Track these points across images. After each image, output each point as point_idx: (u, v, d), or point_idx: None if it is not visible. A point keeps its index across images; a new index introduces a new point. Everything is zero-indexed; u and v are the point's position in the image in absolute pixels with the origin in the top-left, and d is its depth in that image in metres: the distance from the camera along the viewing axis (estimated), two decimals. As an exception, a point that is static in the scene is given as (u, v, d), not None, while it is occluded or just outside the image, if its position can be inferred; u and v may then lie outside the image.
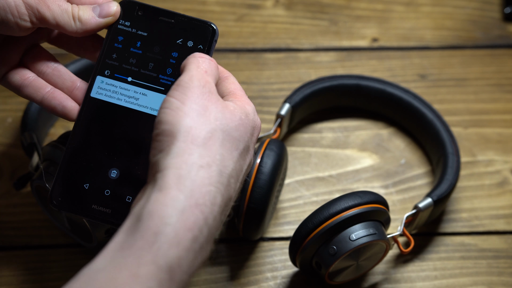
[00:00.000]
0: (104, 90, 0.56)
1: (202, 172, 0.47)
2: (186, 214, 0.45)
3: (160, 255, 0.44)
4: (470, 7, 0.90)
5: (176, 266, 0.44)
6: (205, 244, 0.46)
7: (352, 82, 0.77)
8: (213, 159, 0.48)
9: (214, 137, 0.49)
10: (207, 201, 0.46)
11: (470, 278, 0.68)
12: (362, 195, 0.62)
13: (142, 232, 0.45)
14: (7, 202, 0.71)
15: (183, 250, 0.44)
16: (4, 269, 0.67)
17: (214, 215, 0.47)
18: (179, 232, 0.45)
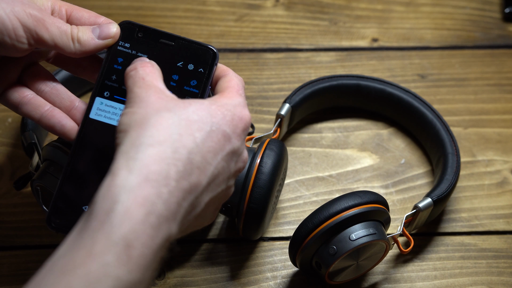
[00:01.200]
0: (103, 112, 0.56)
1: (151, 150, 0.47)
2: (135, 190, 0.46)
3: (112, 230, 0.44)
4: (470, 7, 0.90)
5: (133, 239, 0.44)
6: (164, 219, 0.46)
7: (352, 82, 0.77)
8: (165, 138, 0.48)
9: (165, 119, 0.49)
10: (158, 176, 0.47)
11: (470, 278, 0.68)
12: (362, 195, 0.62)
13: (95, 214, 0.46)
14: (7, 202, 0.71)
15: (136, 223, 0.45)
16: (4, 269, 0.67)
17: (169, 189, 0.47)
18: (130, 207, 0.45)
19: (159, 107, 0.50)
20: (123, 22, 0.57)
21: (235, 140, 0.52)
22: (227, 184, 0.53)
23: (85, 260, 0.44)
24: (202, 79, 0.56)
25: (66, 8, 0.58)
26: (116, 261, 0.44)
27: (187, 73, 0.56)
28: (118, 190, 0.46)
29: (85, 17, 0.58)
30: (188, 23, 0.87)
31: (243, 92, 0.55)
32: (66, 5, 0.58)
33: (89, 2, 0.87)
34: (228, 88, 0.55)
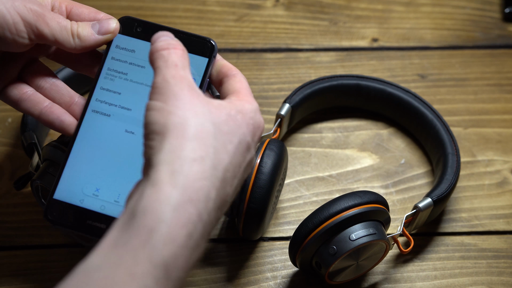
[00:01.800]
0: (102, 106, 0.57)
1: (195, 166, 0.46)
2: (179, 210, 0.45)
3: (155, 253, 0.43)
4: (470, 7, 0.90)
5: (172, 263, 0.44)
6: (200, 240, 0.46)
7: (352, 82, 0.77)
8: (206, 152, 0.47)
9: (205, 130, 0.48)
10: (200, 196, 0.46)
11: (470, 278, 0.68)
12: (362, 195, 0.62)
13: (136, 229, 0.44)
14: (7, 202, 0.71)
15: (178, 247, 0.44)
16: (4, 269, 0.67)
17: (208, 211, 0.46)
18: (174, 229, 0.44)
19: (196, 111, 0.48)
20: (123, 18, 0.58)
21: (253, 149, 0.51)
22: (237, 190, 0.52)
23: (125, 280, 0.43)
24: (201, 71, 0.57)
25: (66, 4, 0.58)
26: (155, 285, 0.43)
27: None
28: (162, 208, 0.45)
29: (85, 13, 0.58)
30: (188, 23, 0.87)
31: None
32: (66, 1, 0.58)
33: (89, 2, 0.87)
34: (243, 90, 0.54)
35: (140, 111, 0.54)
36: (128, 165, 0.56)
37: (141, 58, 0.58)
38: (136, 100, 0.57)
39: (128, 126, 0.57)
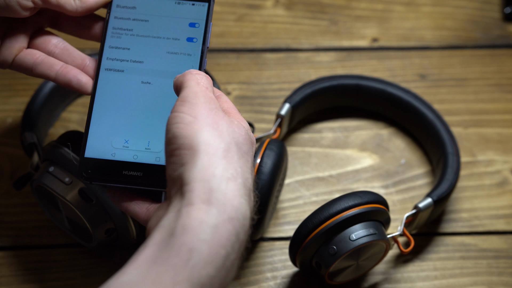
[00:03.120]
0: (113, 62, 0.58)
1: (231, 185, 0.46)
2: (219, 229, 0.44)
3: (194, 273, 0.43)
4: (470, 7, 0.90)
5: (208, 284, 0.43)
6: (235, 260, 0.45)
7: (352, 82, 0.77)
8: (236, 172, 0.47)
9: (232, 150, 0.48)
10: (239, 214, 0.45)
11: (470, 278, 0.68)
12: (362, 195, 0.62)
13: (177, 248, 0.44)
14: (7, 202, 0.71)
15: (215, 268, 0.44)
16: (4, 269, 0.67)
17: (245, 230, 0.46)
18: (213, 249, 0.44)
19: (222, 131, 0.49)
20: None
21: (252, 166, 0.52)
22: None
23: None
24: (201, 30, 0.59)
25: None
26: None
27: (186, 21, 0.59)
28: (203, 227, 0.44)
29: None
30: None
31: None
32: None
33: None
34: (232, 110, 0.54)
35: (152, 62, 0.58)
36: (152, 113, 0.57)
37: (143, 13, 0.59)
38: (146, 52, 0.58)
39: (143, 77, 0.58)
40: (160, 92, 0.57)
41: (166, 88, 0.57)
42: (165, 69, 0.58)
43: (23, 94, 0.78)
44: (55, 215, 0.66)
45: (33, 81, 0.78)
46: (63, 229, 0.67)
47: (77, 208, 0.61)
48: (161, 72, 0.58)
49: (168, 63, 0.58)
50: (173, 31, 0.59)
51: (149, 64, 0.58)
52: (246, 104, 0.80)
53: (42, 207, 0.66)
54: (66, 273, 0.67)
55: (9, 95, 0.79)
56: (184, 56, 0.58)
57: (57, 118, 0.77)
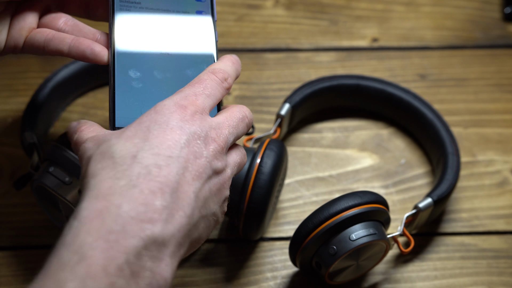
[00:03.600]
0: (126, 28, 0.58)
1: (97, 178, 0.48)
2: (86, 210, 0.46)
3: (64, 250, 0.44)
4: (470, 7, 0.90)
5: (91, 250, 0.43)
6: (130, 220, 0.45)
7: (352, 82, 0.77)
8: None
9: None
10: (109, 190, 0.47)
11: (470, 278, 0.68)
12: (362, 195, 0.62)
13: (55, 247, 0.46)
14: (7, 202, 0.71)
15: (90, 235, 0.44)
16: (4, 269, 0.67)
17: (128, 196, 0.46)
18: (82, 225, 0.45)
19: (97, 145, 0.51)
20: None
21: (188, 125, 0.51)
22: (211, 168, 0.51)
23: (40, 284, 0.44)
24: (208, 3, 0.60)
25: None
26: (71, 275, 0.43)
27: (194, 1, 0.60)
28: (73, 219, 0.46)
29: None
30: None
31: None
32: None
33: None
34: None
35: (166, 34, 0.58)
36: (175, 81, 0.57)
37: None
38: (158, 25, 0.58)
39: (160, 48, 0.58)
40: (179, 61, 0.58)
41: (185, 57, 0.58)
42: (181, 41, 0.58)
43: (23, 94, 0.78)
44: (55, 215, 0.66)
45: (33, 81, 0.78)
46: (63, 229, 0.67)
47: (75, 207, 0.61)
48: (177, 43, 0.58)
49: (182, 35, 0.58)
50: (181, 4, 0.60)
51: (164, 36, 0.58)
52: (246, 104, 0.79)
53: (42, 207, 0.66)
54: (66, 273, 0.67)
55: (9, 95, 0.79)
56: (196, 28, 0.59)
57: (57, 118, 0.77)
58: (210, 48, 0.59)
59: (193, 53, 0.59)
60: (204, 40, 0.60)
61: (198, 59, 0.59)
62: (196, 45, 0.59)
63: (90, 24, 0.61)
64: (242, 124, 0.56)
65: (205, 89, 0.54)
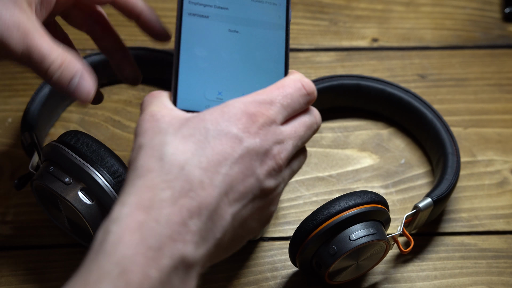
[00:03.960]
0: (197, 6, 0.54)
1: (139, 181, 0.47)
2: (127, 218, 0.45)
3: (105, 259, 0.44)
4: (470, 7, 0.90)
5: (129, 264, 0.43)
6: (167, 239, 0.45)
7: (352, 82, 0.77)
8: (154, 164, 0.48)
9: (153, 144, 0.49)
10: (150, 201, 0.46)
11: (470, 278, 0.68)
12: (362, 195, 0.62)
13: (91, 248, 0.47)
14: (7, 202, 0.71)
15: (130, 247, 0.44)
16: (4, 269, 0.67)
17: (167, 211, 0.46)
18: (123, 234, 0.45)
19: (152, 133, 0.49)
20: None
21: (248, 139, 0.48)
22: (260, 188, 0.49)
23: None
24: None
25: None
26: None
27: None
28: (111, 222, 0.45)
29: None
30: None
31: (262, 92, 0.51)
32: None
33: (89, 2, 0.87)
34: None
35: (237, 9, 0.54)
36: (243, 63, 0.54)
37: None
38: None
39: (230, 25, 0.54)
40: (248, 42, 0.54)
41: (254, 37, 0.54)
42: (252, 18, 0.55)
43: (23, 94, 0.78)
44: (55, 215, 0.66)
45: (33, 81, 0.78)
46: (63, 229, 0.67)
47: (77, 208, 0.61)
48: (248, 20, 0.54)
49: (254, 11, 0.55)
50: None
51: (235, 11, 0.54)
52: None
53: (42, 207, 0.66)
54: (66, 273, 0.67)
55: (9, 95, 0.79)
56: (269, 5, 0.55)
57: (57, 118, 0.77)
58: (280, 29, 0.55)
59: (263, 34, 0.55)
60: (275, 20, 0.55)
61: (268, 41, 0.55)
62: (267, 26, 0.55)
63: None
64: (309, 132, 0.53)
65: (284, 98, 0.51)
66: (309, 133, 0.53)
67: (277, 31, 0.55)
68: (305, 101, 0.52)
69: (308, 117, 0.53)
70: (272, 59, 0.55)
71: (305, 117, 0.52)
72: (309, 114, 0.53)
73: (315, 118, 0.53)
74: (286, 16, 0.56)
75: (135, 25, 0.63)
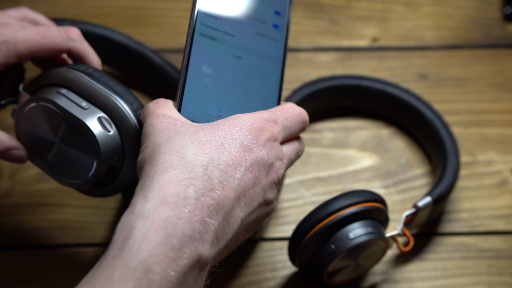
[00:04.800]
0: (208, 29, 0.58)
1: (165, 176, 0.47)
2: (152, 214, 0.45)
3: (130, 256, 0.44)
4: (470, 7, 0.90)
5: (152, 263, 0.44)
6: (188, 238, 0.45)
7: (352, 82, 0.77)
8: (179, 160, 0.48)
9: (174, 143, 0.50)
10: (176, 198, 0.46)
11: (470, 278, 0.68)
12: (359, 194, 0.62)
13: (114, 242, 0.45)
14: (7, 202, 0.71)
15: (155, 247, 0.44)
16: (4, 269, 0.67)
17: (190, 209, 0.46)
18: (148, 231, 0.44)
19: (168, 133, 0.50)
20: None
21: (258, 150, 0.51)
22: (263, 197, 0.52)
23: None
24: (284, 19, 0.61)
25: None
26: (136, 287, 0.43)
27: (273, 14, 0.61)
28: (135, 217, 0.45)
29: None
30: (188, 23, 0.87)
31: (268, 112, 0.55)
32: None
33: (89, 2, 0.87)
34: None
35: (243, 38, 0.58)
36: (243, 86, 0.58)
37: None
38: (237, 27, 0.59)
39: (235, 51, 0.58)
40: (249, 68, 0.58)
41: (255, 65, 0.59)
42: (255, 48, 0.59)
43: (23, 94, 0.78)
44: (39, 143, 0.60)
45: (33, 81, 0.78)
46: (35, 162, 0.60)
47: (96, 136, 0.56)
48: (251, 50, 0.59)
49: (257, 43, 0.59)
50: (261, 14, 0.60)
51: (240, 40, 0.58)
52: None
53: (19, 132, 0.61)
54: (66, 273, 0.67)
55: (9, 95, 0.79)
56: (271, 40, 0.60)
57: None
58: (277, 63, 0.60)
59: (263, 64, 0.59)
60: (273, 54, 0.60)
61: (266, 71, 0.59)
62: (267, 58, 0.60)
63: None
64: (296, 158, 0.57)
65: (285, 121, 0.55)
66: (296, 159, 0.57)
67: (275, 65, 0.60)
68: (300, 128, 0.57)
69: (299, 144, 0.57)
70: (268, 88, 0.59)
71: (297, 144, 0.57)
72: (300, 142, 0.58)
73: (303, 146, 0.58)
74: (283, 53, 0.60)
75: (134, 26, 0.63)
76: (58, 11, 0.86)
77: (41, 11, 0.86)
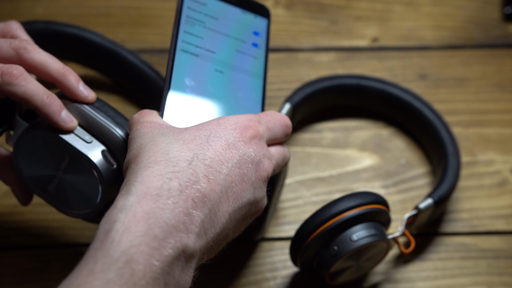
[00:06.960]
0: (190, 46, 0.60)
1: (148, 170, 0.48)
2: (134, 207, 0.46)
3: (112, 247, 0.44)
4: (470, 7, 0.90)
5: (134, 253, 0.44)
6: (171, 228, 0.46)
7: (352, 82, 0.77)
8: (163, 156, 0.49)
9: (158, 141, 0.51)
10: (159, 190, 0.47)
11: (471, 278, 0.68)
12: (363, 196, 0.62)
13: (96, 236, 0.46)
14: (7, 202, 0.71)
15: (136, 237, 0.44)
16: (4, 269, 0.67)
17: (174, 200, 0.47)
18: (130, 223, 0.45)
19: (152, 135, 0.51)
20: None
21: (244, 147, 0.52)
22: (253, 194, 0.52)
23: (87, 279, 0.43)
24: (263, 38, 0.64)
25: None
26: (117, 277, 0.43)
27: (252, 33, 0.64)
28: (117, 211, 0.46)
29: None
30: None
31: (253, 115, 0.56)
32: None
33: (89, 2, 0.87)
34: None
35: (223, 55, 0.61)
36: (224, 100, 0.59)
37: (212, 11, 0.61)
38: (217, 45, 0.61)
39: (217, 66, 0.60)
40: (231, 82, 0.60)
41: (237, 79, 0.61)
42: (236, 64, 0.61)
43: (23, 94, 0.78)
44: (40, 173, 0.59)
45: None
46: (37, 193, 0.60)
47: (100, 170, 0.56)
48: (232, 65, 0.61)
49: (238, 60, 0.61)
50: (240, 33, 0.62)
51: (221, 56, 0.61)
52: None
53: (17, 163, 0.59)
54: (66, 273, 0.67)
55: (9, 95, 0.79)
56: (251, 57, 0.62)
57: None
58: (259, 78, 0.62)
59: (244, 79, 0.61)
60: (254, 70, 0.62)
61: (248, 85, 0.61)
62: (248, 73, 0.62)
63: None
64: (283, 163, 0.58)
65: (268, 122, 0.56)
66: (283, 165, 0.58)
67: (257, 79, 0.62)
68: (283, 132, 0.57)
69: (283, 149, 0.58)
70: (250, 100, 0.61)
71: (282, 148, 0.58)
72: (285, 148, 0.58)
73: (289, 153, 0.59)
74: (264, 69, 0.63)
75: (134, 26, 0.63)
76: (58, 11, 0.86)
77: (41, 11, 0.87)
